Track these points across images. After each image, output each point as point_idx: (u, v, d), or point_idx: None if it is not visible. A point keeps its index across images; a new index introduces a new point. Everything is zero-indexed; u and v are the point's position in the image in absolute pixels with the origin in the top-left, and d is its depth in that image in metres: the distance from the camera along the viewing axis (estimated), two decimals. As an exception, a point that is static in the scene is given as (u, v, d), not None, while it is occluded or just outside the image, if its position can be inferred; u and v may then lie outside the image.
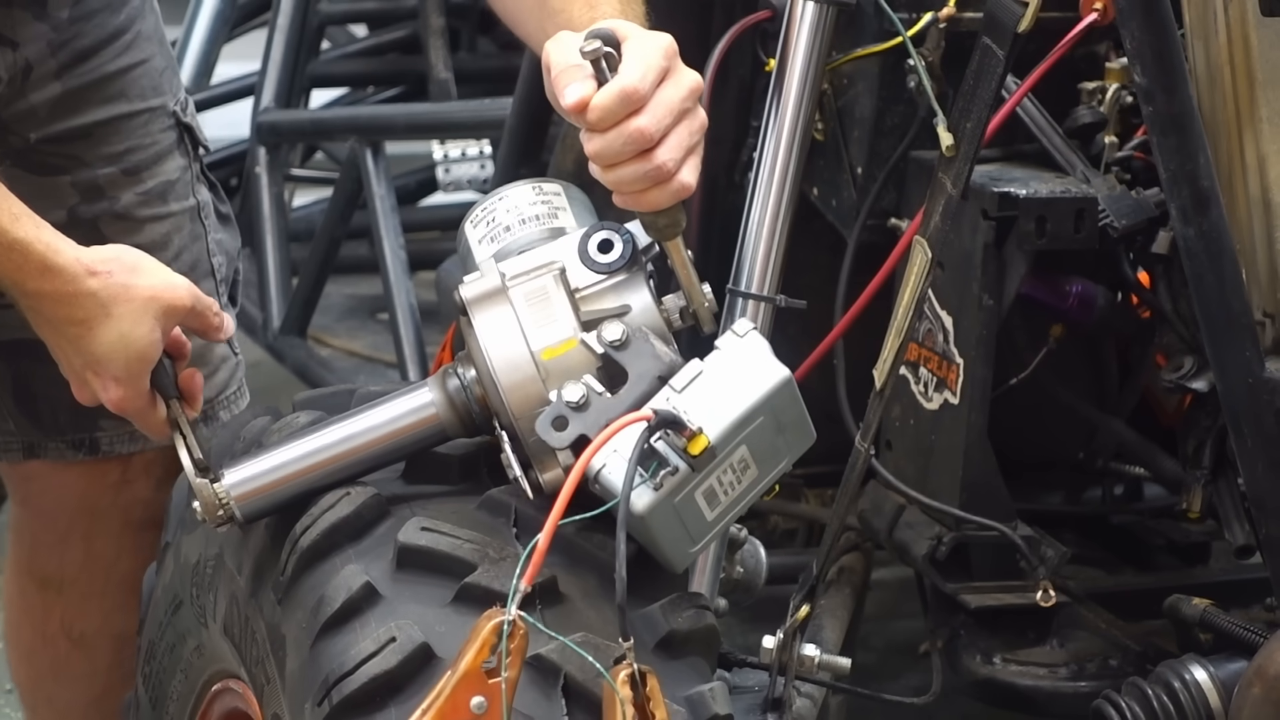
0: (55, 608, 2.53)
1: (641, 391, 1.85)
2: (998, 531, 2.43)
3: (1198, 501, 2.46)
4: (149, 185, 2.38)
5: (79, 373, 2.08)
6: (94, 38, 2.34)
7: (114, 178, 2.36)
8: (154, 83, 2.40)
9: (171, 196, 2.41)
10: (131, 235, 2.31)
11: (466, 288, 1.94)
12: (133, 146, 2.37)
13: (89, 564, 2.49)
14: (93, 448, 2.41)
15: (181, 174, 2.42)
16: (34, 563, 2.53)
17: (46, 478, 2.45)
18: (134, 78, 2.38)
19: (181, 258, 2.41)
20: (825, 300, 2.46)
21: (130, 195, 2.37)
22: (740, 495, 1.88)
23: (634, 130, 1.86)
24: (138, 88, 2.38)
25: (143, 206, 2.38)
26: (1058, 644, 2.50)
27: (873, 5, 2.35)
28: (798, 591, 2.30)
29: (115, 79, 2.36)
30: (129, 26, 2.38)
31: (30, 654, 2.59)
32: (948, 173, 2.11)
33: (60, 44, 2.31)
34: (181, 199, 2.42)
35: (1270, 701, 2.12)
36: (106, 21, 2.35)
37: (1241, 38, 2.14)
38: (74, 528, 2.49)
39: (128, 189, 2.37)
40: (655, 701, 1.72)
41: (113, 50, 2.35)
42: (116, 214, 2.35)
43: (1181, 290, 2.34)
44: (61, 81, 2.31)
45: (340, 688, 1.80)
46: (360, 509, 1.92)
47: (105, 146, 2.35)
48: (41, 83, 2.30)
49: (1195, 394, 2.39)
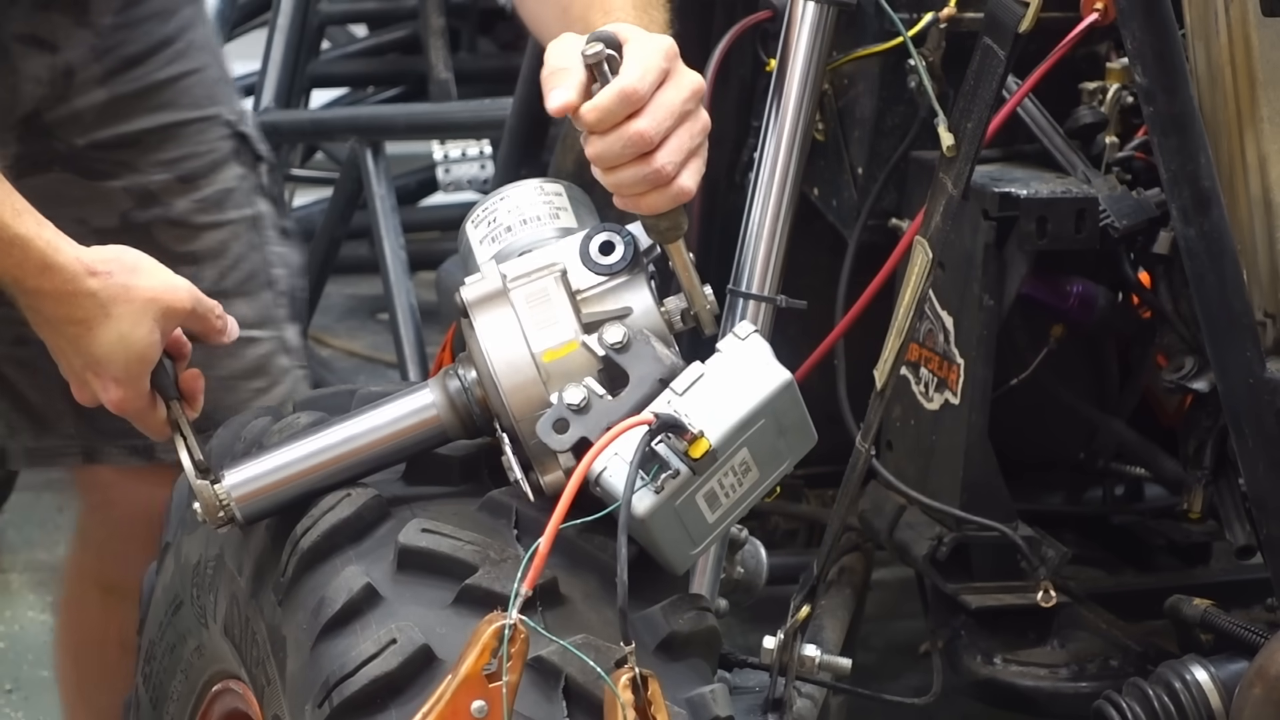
0: (115, 615, 2.53)
1: (643, 394, 1.85)
2: (998, 532, 2.43)
3: (1198, 502, 2.46)
4: (206, 193, 2.39)
5: (79, 373, 2.08)
6: (141, 45, 2.35)
7: (168, 184, 2.36)
8: (208, 92, 2.41)
9: (229, 204, 2.41)
10: (187, 243, 2.32)
11: (467, 289, 1.94)
12: (188, 154, 2.38)
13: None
14: (148, 453, 2.42)
15: (239, 183, 2.43)
16: (101, 570, 2.54)
17: (113, 484, 2.45)
18: (185, 86, 2.38)
19: (239, 266, 2.41)
20: (826, 301, 2.46)
21: (186, 202, 2.37)
22: (741, 497, 1.88)
23: (633, 133, 1.86)
24: (190, 96, 2.38)
25: (199, 213, 2.39)
26: (1058, 644, 2.50)
27: (873, 5, 2.35)
28: (798, 592, 2.30)
29: (165, 87, 2.36)
30: (179, 35, 2.38)
31: (79, 657, 2.59)
32: (948, 173, 2.10)
33: (105, 50, 2.32)
34: (240, 208, 2.42)
35: (1271, 702, 2.12)
36: (155, 30, 2.36)
37: (1242, 38, 2.14)
38: (138, 535, 2.49)
39: (183, 196, 2.37)
40: (657, 705, 1.72)
41: (162, 58, 2.36)
42: (171, 220, 2.35)
43: (1182, 290, 2.34)
44: (107, 88, 2.32)
45: (341, 689, 1.80)
46: (361, 510, 1.92)
47: (157, 153, 2.36)
48: (86, 88, 2.31)
49: (1196, 394, 2.39)
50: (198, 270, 2.41)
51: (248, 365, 2.45)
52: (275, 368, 2.46)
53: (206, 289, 2.37)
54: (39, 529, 4.44)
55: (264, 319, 2.47)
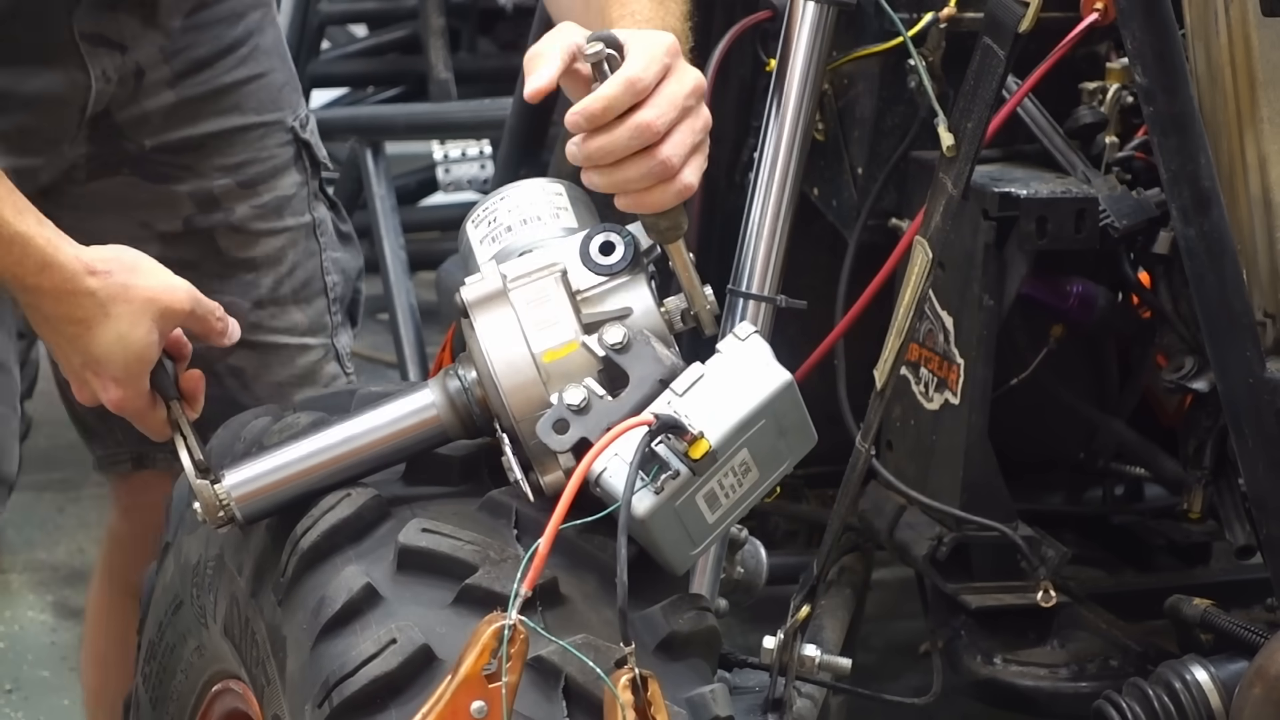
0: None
1: (643, 395, 1.85)
2: (998, 532, 2.44)
3: (1198, 502, 2.46)
4: (265, 199, 2.39)
5: (78, 372, 2.08)
6: (210, 49, 2.35)
7: (229, 189, 2.36)
8: (272, 96, 2.40)
9: (287, 211, 2.41)
10: (247, 249, 2.32)
11: (468, 290, 1.94)
12: (249, 159, 2.38)
13: None
14: None
15: (298, 190, 2.43)
16: (131, 575, 2.53)
17: (158, 489, 2.45)
18: (251, 90, 2.38)
19: (295, 274, 2.41)
20: (826, 301, 2.46)
21: (245, 208, 2.38)
22: (741, 498, 1.88)
23: (640, 123, 1.84)
24: (255, 100, 2.38)
25: (258, 220, 2.39)
26: (1058, 644, 2.50)
27: (873, 5, 2.35)
28: (798, 592, 2.30)
29: (231, 91, 2.36)
30: (246, 39, 2.38)
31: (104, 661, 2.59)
32: (948, 173, 2.10)
33: (174, 52, 2.32)
34: (298, 215, 2.43)
35: (1271, 702, 2.12)
36: (223, 34, 2.36)
37: (1242, 38, 2.14)
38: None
39: (243, 201, 2.37)
40: (657, 706, 1.72)
41: (229, 62, 2.36)
42: (232, 226, 2.35)
43: (1182, 290, 2.34)
44: (175, 90, 2.32)
45: (341, 689, 1.80)
46: (361, 510, 1.92)
47: (220, 158, 2.36)
48: (155, 89, 2.31)
49: (1196, 394, 2.39)
50: (256, 277, 2.42)
51: (298, 372, 2.46)
52: (324, 375, 2.47)
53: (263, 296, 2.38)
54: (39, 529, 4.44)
55: (316, 326, 2.49)
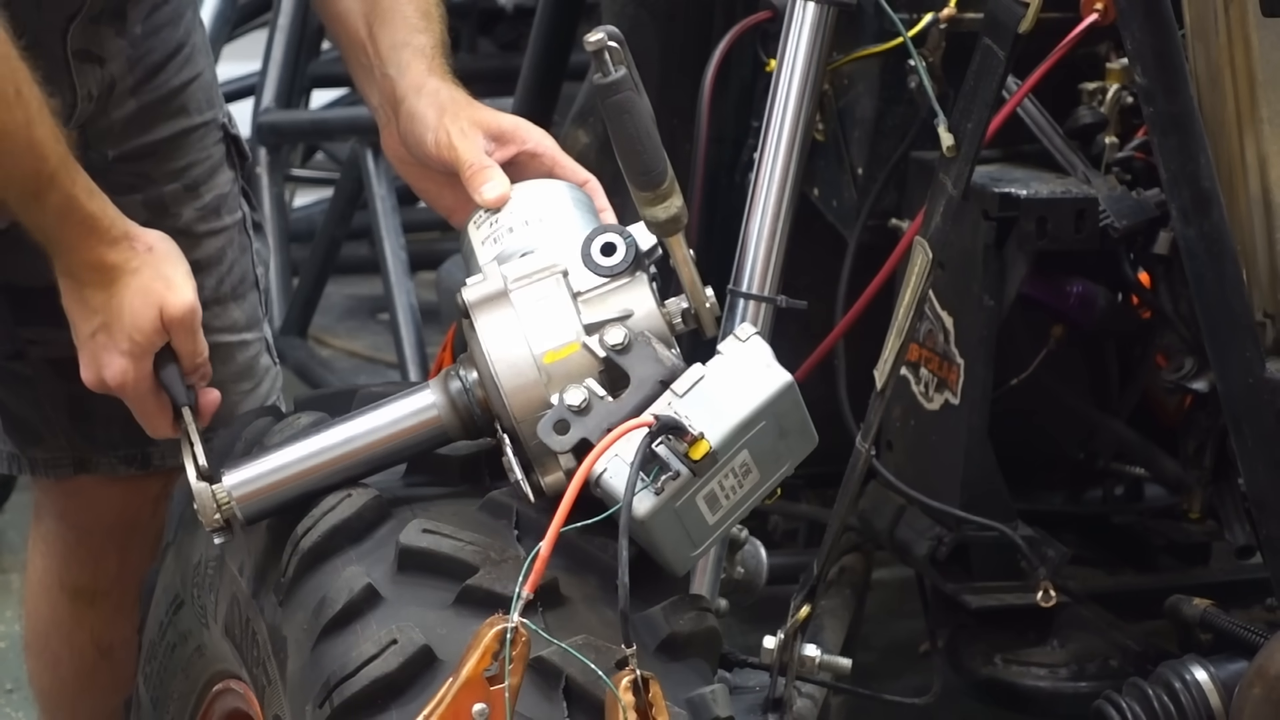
0: (86, 619, 2.53)
1: (643, 396, 1.85)
2: (998, 532, 2.44)
3: (1198, 502, 2.46)
4: (206, 200, 2.39)
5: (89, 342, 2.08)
6: (162, 52, 2.34)
7: (177, 194, 2.36)
8: (208, 95, 2.40)
9: (224, 210, 2.41)
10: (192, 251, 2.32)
11: (469, 290, 1.94)
12: (192, 161, 2.38)
13: (123, 577, 2.49)
14: (144, 462, 2.41)
15: (231, 186, 2.43)
16: (66, 575, 2.53)
17: (90, 492, 2.45)
18: (192, 92, 2.37)
19: (233, 272, 2.41)
20: (826, 301, 2.46)
21: (190, 211, 2.37)
22: (742, 499, 1.88)
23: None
24: (195, 101, 2.38)
25: (200, 222, 2.39)
26: (1058, 644, 2.50)
27: (873, 5, 2.35)
28: (798, 592, 2.30)
29: (179, 93, 2.35)
30: (187, 40, 2.37)
31: (56, 664, 2.59)
32: (948, 173, 2.11)
33: (136, 60, 2.31)
34: (232, 212, 2.43)
35: (1271, 702, 2.12)
36: (170, 36, 2.34)
37: (1242, 38, 2.14)
38: (111, 541, 2.49)
39: (188, 204, 2.37)
40: (658, 707, 1.72)
41: (175, 64, 2.35)
42: (179, 230, 2.35)
43: (1182, 291, 2.34)
44: (136, 98, 2.32)
45: (341, 690, 1.80)
46: (361, 510, 1.92)
47: (169, 163, 2.35)
48: (121, 99, 2.30)
49: (1196, 394, 2.39)
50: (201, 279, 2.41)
51: (238, 369, 2.45)
52: (260, 368, 2.46)
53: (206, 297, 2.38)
54: (39, 529, 4.43)
55: (252, 321, 2.48)
